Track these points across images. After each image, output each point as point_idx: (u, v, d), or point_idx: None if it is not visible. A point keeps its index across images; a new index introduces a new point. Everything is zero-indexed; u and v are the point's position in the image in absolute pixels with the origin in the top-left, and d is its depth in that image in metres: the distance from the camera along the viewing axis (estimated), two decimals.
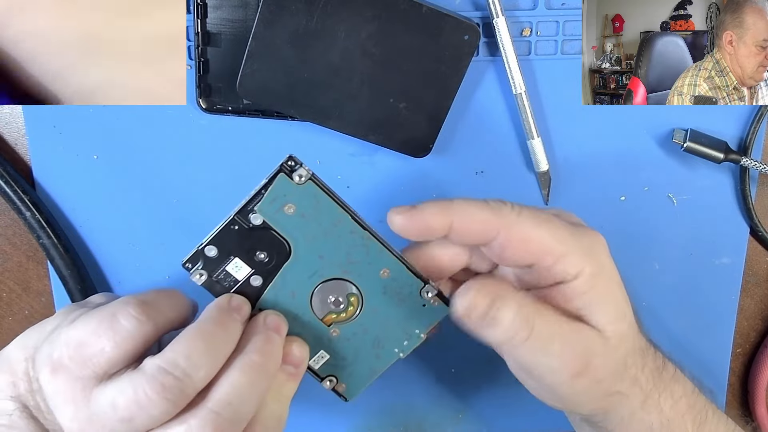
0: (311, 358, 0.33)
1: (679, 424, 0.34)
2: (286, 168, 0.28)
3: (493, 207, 0.30)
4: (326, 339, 0.32)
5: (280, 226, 0.29)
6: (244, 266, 0.30)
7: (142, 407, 0.27)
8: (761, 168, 0.40)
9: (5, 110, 0.40)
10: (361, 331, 0.32)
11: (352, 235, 0.30)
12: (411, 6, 0.35)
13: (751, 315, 0.46)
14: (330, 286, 0.31)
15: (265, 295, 0.31)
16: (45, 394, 0.29)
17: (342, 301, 0.31)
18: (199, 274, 0.30)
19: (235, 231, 0.29)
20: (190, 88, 0.38)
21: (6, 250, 0.42)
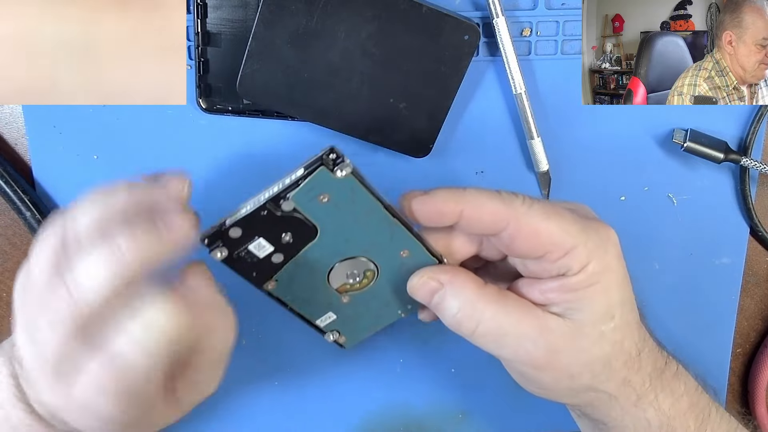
0: (318, 319, 0.34)
1: (681, 422, 0.34)
2: (328, 161, 0.28)
3: (504, 198, 0.30)
4: (336, 304, 0.34)
5: (311, 213, 0.29)
6: (267, 246, 0.30)
7: None
8: (761, 168, 0.40)
9: (5, 110, 0.40)
10: (371, 298, 0.33)
11: (381, 223, 0.30)
12: (411, 6, 0.35)
13: (751, 315, 0.46)
14: (349, 263, 0.32)
15: (283, 269, 0.31)
16: None
17: (358, 275, 0.32)
18: (220, 252, 0.29)
19: (263, 216, 0.29)
20: (190, 88, 0.38)
21: (6, 250, 0.42)
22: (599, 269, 0.30)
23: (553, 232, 0.30)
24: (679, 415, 0.33)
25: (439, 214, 0.30)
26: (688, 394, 0.34)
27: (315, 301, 0.33)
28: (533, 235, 0.30)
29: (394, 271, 0.32)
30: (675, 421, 0.33)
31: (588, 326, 0.31)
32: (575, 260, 0.30)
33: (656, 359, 0.34)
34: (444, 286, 0.31)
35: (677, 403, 0.33)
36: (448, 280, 0.31)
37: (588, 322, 0.31)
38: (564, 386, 0.32)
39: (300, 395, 0.44)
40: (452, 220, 0.30)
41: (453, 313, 0.31)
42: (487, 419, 0.46)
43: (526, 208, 0.30)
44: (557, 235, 0.30)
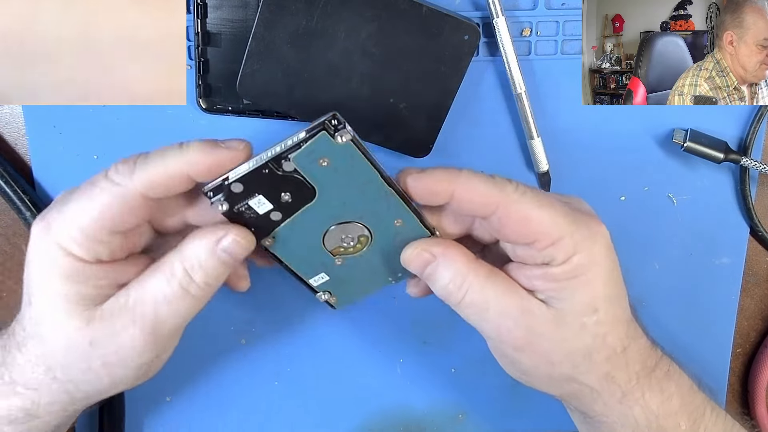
0: (311, 278, 0.35)
1: (671, 421, 0.34)
2: (329, 126, 0.29)
3: (497, 182, 0.31)
4: (329, 265, 0.34)
5: (310, 175, 0.30)
6: (267, 203, 0.31)
7: None
8: (761, 168, 0.40)
9: (5, 110, 0.40)
10: (363, 262, 0.34)
11: (377, 192, 0.31)
12: (411, 6, 0.35)
13: (751, 315, 0.46)
14: (344, 227, 0.33)
15: (281, 227, 0.32)
16: None
17: (353, 239, 0.33)
18: (221, 204, 0.30)
19: (264, 174, 0.30)
20: (190, 88, 0.38)
21: (6, 250, 0.42)
22: (584, 262, 0.31)
23: (543, 221, 0.30)
24: (669, 415, 0.34)
25: (431, 192, 0.31)
26: (680, 394, 0.34)
27: (309, 260, 0.34)
28: (522, 221, 0.30)
29: (387, 238, 0.33)
30: (664, 421, 0.34)
31: (569, 316, 0.31)
32: (561, 251, 0.30)
33: (646, 358, 0.34)
34: (437, 257, 0.32)
35: (667, 403, 0.34)
36: (440, 252, 0.32)
37: (570, 311, 0.31)
38: (544, 373, 0.33)
39: (300, 395, 0.44)
40: (444, 199, 0.31)
41: (444, 283, 0.32)
42: (487, 419, 0.46)
43: (518, 195, 0.30)
44: (546, 225, 0.30)
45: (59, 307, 0.30)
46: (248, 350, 0.43)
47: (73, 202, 0.29)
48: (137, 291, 0.31)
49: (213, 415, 0.44)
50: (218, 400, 0.44)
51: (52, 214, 0.30)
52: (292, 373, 0.44)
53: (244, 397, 0.44)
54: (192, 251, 0.30)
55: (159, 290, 0.30)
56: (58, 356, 0.31)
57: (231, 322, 0.43)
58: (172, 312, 0.30)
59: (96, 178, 0.30)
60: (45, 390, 0.31)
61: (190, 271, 0.30)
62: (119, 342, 0.30)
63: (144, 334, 0.30)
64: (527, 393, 0.44)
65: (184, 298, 0.30)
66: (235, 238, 0.30)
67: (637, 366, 0.33)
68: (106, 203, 0.29)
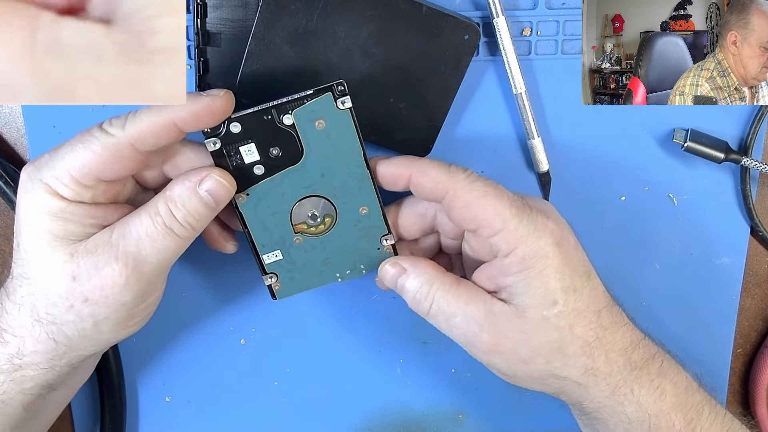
0: (265, 253, 0.36)
1: (665, 419, 0.34)
2: (336, 91, 0.32)
3: (449, 170, 0.33)
4: (288, 242, 0.35)
5: (304, 134, 0.33)
6: (255, 154, 0.33)
7: None
8: (762, 168, 0.40)
9: (5, 110, 0.40)
10: (320, 247, 0.36)
11: (356, 169, 0.34)
12: (411, 6, 0.35)
13: (751, 315, 0.46)
14: (314, 201, 0.35)
15: (259, 184, 0.34)
16: None
17: (318, 217, 0.35)
18: (214, 143, 0.32)
19: (263, 120, 0.32)
20: (190, 88, 0.38)
21: (6, 250, 0.42)
22: (529, 254, 0.32)
23: (485, 210, 0.32)
24: (663, 413, 0.34)
25: (393, 176, 0.34)
26: (675, 392, 0.34)
27: (271, 230, 0.35)
28: (466, 207, 0.32)
29: (348, 225, 0.35)
30: (657, 419, 0.34)
31: (530, 311, 0.32)
32: (503, 242, 0.32)
33: (631, 352, 0.34)
34: (407, 270, 0.35)
35: (660, 400, 0.34)
36: (410, 265, 0.35)
37: (529, 306, 0.32)
38: (521, 372, 0.34)
39: (300, 395, 0.44)
40: (404, 183, 0.34)
41: (412, 294, 0.34)
42: (487, 420, 0.46)
43: (466, 183, 0.33)
44: (488, 213, 0.32)
45: (44, 242, 0.31)
46: (248, 350, 0.43)
47: (66, 147, 0.31)
48: (121, 228, 0.32)
49: (213, 415, 0.44)
50: (218, 400, 0.44)
51: (42, 158, 0.32)
52: (292, 373, 0.44)
53: (244, 397, 0.44)
54: (175, 191, 0.32)
55: (142, 227, 0.31)
56: (42, 293, 0.31)
57: (231, 322, 0.43)
58: (154, 249, 0.31)
59: (91, 129, 0.31)
60: (28, 335, 0.32)
61: (173, 209, 0.31)
62: (101, 276, 0.31)
63: (126, 269, 0.31)
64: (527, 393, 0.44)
65: (167, 236, 0.31)
66: (217, 179, 0.32)
67: (619, 360, 0.33)
68: (97, 151, 0.30)
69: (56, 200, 0.31)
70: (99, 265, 0.31)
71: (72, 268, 0.31)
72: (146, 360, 0.43)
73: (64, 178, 0.30)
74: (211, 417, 0.44)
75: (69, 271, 0.31)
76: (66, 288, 0.31)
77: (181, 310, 0.42)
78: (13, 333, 0.32)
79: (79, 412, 0.44)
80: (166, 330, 0.43)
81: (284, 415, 0.45)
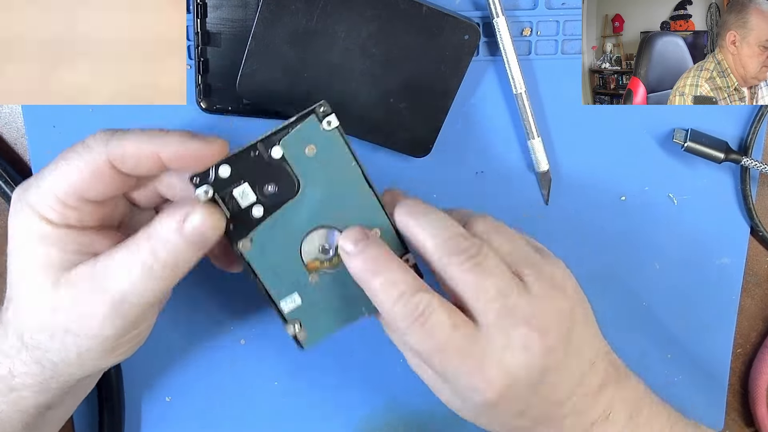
0: (282, 299, 0.33)
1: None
2: (318, 112, 0.30)
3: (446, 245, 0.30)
4: (303, 283, 0.33)
5: (296, 163, 0.31)
6: (251, 194, 0.31)
7: None
8: (762, 168, 0.40)
9: (5, 110, 0.40)
10: (339, 284, 0.33)
11: (358, 190, 0.32)
12: (411, 6, 0.35)
13: (751, 315, 0.46)
14: (322, 234, 0.32)
15: (261, 226, 0.31)
16: None
17: (329, 249, 0.32)
18: (206, 191, 0.30)
19: (252, 158, 0.30)
20: (190, 88, 0.38)
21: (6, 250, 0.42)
22: None
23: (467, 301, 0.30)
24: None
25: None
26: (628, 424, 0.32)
27: (284, 274, 0.32)
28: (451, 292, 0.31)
29: None
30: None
31: None
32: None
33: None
34: None
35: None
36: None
37: None
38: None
39: (300, 395, 0.44)
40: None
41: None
42: None
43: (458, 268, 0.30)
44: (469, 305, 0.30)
45: (30, 269, 0.30)
46: (248, 350, 0.43)
47: (50, 166, 0.30)
48: (104, 261, 0.29)
49: (213, 415, 0.44)
50: (218, 401, 0.44)
51: (30, 180, 0.30)
52: (292, 373, 0.44)
53: (244, 398, 0.44)
54: (158, 229, 0.29)
55: (123, 265, 0.29)
56: (26, 319, 0.30)
57: (231, 322, 0.43)
58: (134, 290, 0.29)
59: (75, 144, 0.30)
60: (17, 358, 0.31)
61: (156, 249, 0.28)
62: (81, 310, 0.29)
63: (105, 305, 0.29)
64: None
65: (148, 277, 0.29)
66: (203, 215, 0.28)
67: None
68: (80, 167, 0.29)
69: (43, 224, 0.29)
70: (79, 299, 0.29)
71: (53, 299, 0.30)
72: (146, 360, 0.43)
73: (49, 199, 0.29)
74: (211, 417, 0.44)
75: (50, 301, 0.30)
76: (47, 318, 0.30)
77: (182, 311, 0.42)
78: (6, 354, 0.31)
79: (79, 412, 0.43)
80: (166, 330, 0.43)
81: (284, 415, 0.44)
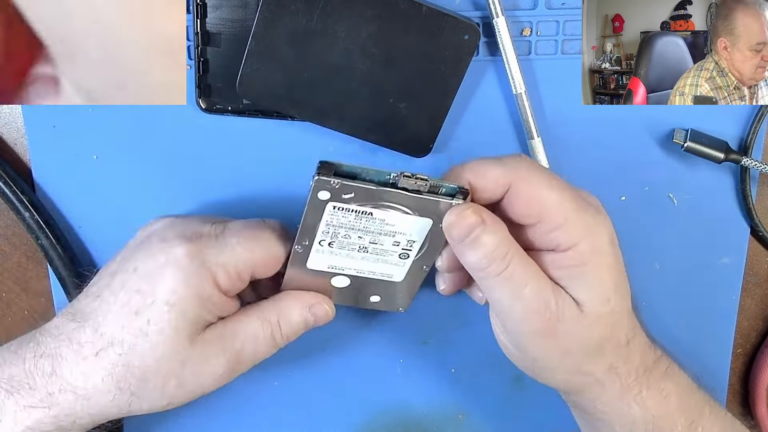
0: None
1: (668, 421, 0.34)
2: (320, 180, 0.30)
3: (505, 163, 0.32)
4: None
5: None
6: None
7: None
8: (762, 168, 0.40)
9: (5, 110, 0.40)
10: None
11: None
12: (411, 6, 0.35)
13: (751, 315, 0.46)
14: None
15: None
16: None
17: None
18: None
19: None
20: (190, 88, 0.38)
21: (5, 251, 0.42)
22: (587, 250, 0.31)
23: (547, 204, 0.31)
24: (667, 414, 0.34)
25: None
26: (678, 393, 0.34)
27: None
28: (528, 203, 0.32)
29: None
30: (661, 420, 0.34)
31: (586, 305, 0.32)
32: (566, 236, 0.31)
33: (645, 354, 0.34)
34: (485, 221, 0.31)
35: (664, 402, 0.34)
36: (488, 216, 0.31)
37: (585, 301, 0.32)
38: (555, 362, 0.33)
39: (300, 395, 0.44)
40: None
41: (488, 250, 0.31)
42: (487, 420, 0.46)
43: (528, 174, 0.32)
44: (551, 208, 0.31)
45: (174, 324, 0.31)
46: None
47: (234, 238, 0.33)
48: (233, 324, 0.34)
49: (213, 415, 0.44)
50: (217, 401, 0.44)
51: (205, 240, 0.33)
52: (291, 373, 0.44)
53: (244, 398, 0.44)
54: (288, 307, 0.35)
55: (251, 329, 0.34)
56: (143, 368, 0.31)
57: None
58: (254, 351, 0.34)
59: (259, 224, 0.34)
60: (96, 401, 0.31)
61: (282, 323, 0.34)
62: (206, 366, 0.33)
63: (228, 364, 0.33)
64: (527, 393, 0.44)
65: (268, 342, 0.34)
66: (326, 308, 0.36)
67: (636, 361, 0.33)
68: (265, 248, 0.33)
69: (212, 288, 0.32)
70: (208, 356, 0.33)
71: (186, 355, 0.32)
72: None
73: (230, 269, 0.32)
74: (211, 417, 0.44)
75: (182, 356, 0.32)
76: (170, 370, 0.32)
77: None
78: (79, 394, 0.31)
79: None
80: None
81: (284, 415, 0.44)
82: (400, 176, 0.30)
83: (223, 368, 0.33)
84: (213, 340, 0.33)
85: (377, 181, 0.31)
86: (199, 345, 0.32)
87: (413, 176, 0.30)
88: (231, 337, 0.33)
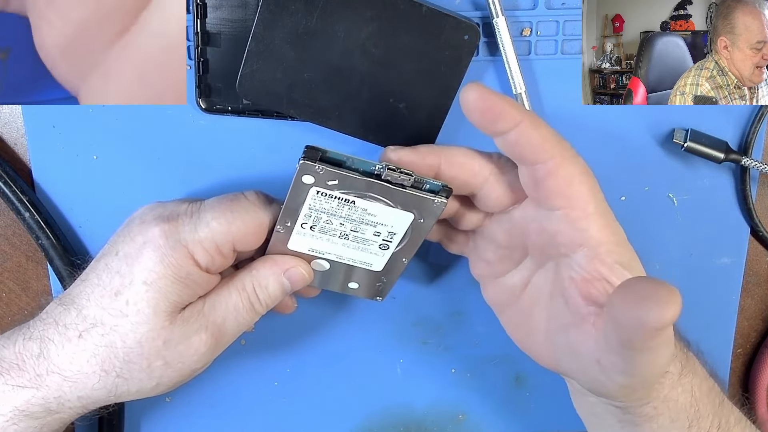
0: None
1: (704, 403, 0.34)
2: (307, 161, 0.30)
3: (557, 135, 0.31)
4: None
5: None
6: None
7: None
8: (762, 168, 0.40)
9: (5, 110, 0.40)
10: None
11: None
12: (411, 6, 0.35)
13: (751, 315, 0.46)
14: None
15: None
16: None
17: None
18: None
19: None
20: (189, 88, 0.38)
21: (5, 250, 0.42)
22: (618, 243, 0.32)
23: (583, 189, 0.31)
24: (703, 396, 0.34)
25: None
26: (706, 377, 0.34)
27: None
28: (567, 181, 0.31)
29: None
30: (700, 403, 0.33)
31: None
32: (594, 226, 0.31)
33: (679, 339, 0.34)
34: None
35: (702, 384, 0.34)
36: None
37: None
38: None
39: (300, 396, 0.44)
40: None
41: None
42: (487, 420, 0.46)
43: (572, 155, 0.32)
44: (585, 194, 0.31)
45: (152, 303, 0.32)
46: (248, 351, 0.43)
47: (210, 213, 0.32)
48: (211, 300, 0.34)
49: (213, 415, 0.44)
50: (218, 401, 0.44)
51: (181, 218, 0.33)
52: (292, 373, 0.44)
53: (244, 398, 0.44)
54: (263, 274, 0.34)
55: (231, 301, 0.34)
56: (125, 349, 0.32)
57: None
58: (236, 322, 0.34)
59: (236, 196, 0.33)
60: (83, 383, 0.32)
61: (258, 289, 0.34)
62: (188, 344, 0.33)
63: (211, 339, 0.33)
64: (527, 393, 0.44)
65: (249, 311, 0.34)
66: (302, 272, 0.35)
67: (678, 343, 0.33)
68: (242, 222, 0.32)
69: (190, 265, 0.32)
70: (189, 333, 0.33)
71: (166, 334, 0.32)
72: None
73: (207, 244, 0.32)
74: (211, 417, 0.44)
75: (163, 336, 0.32)
76: (153, 350, 0.32)
77: None
78: (66, 376, 0.32)
79: None
80: None
81: (284, 415, 0.45)
82: (385, 168, 0.31)
83: (206, 345, 0.33)
84: (193, 316, 0.33)
85: (362, 171, 0.31)
86: (180, 323, 0.32)
87: (398, 170, 0.31)
88: (211, 312, 0.34)
